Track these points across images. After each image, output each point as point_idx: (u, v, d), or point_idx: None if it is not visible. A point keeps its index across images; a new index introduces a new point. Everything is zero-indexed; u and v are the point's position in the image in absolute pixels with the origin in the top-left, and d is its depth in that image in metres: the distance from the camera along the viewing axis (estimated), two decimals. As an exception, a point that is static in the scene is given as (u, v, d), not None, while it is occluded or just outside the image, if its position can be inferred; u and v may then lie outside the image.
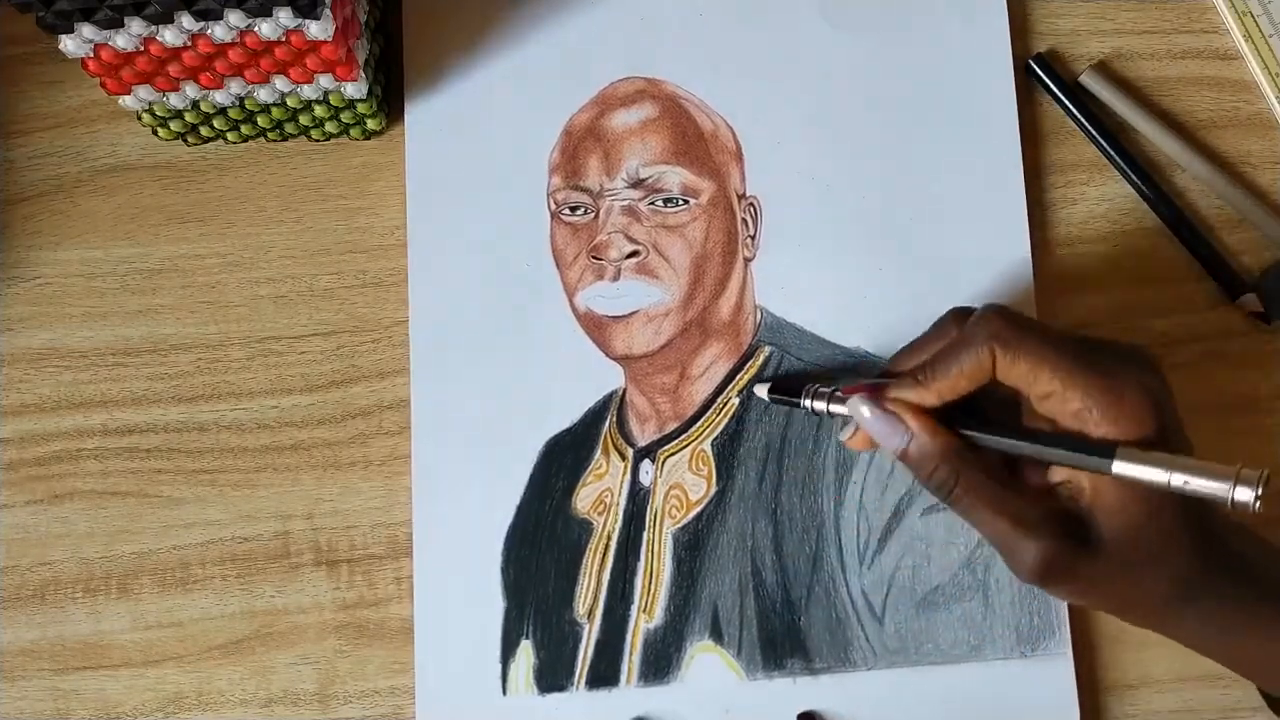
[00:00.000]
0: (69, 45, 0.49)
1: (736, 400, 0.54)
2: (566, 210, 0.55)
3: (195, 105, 0.53)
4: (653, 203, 0.55)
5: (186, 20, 0.48)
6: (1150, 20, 0.57)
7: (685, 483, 0.53)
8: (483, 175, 0.56)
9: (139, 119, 0.55)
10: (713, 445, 0.53)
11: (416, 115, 0.56)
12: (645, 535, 0.53)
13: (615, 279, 0.54)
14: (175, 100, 0.53)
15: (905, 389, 0.45)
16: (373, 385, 0.55)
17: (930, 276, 0.54)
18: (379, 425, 0.55)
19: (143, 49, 0.49)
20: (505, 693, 0.52)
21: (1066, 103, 0.56)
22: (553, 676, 0.52)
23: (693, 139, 0.55)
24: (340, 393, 0.55)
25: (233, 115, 0.54)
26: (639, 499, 0.53)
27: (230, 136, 0.56)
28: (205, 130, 0.55)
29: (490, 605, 0.53)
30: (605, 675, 0.52)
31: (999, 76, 0.55)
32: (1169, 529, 0.42)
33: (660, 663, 0.52)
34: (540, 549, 0.53)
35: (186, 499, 0.55)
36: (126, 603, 0.54)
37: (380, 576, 0.54)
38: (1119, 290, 0.55)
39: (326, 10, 0.48)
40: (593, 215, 0.55)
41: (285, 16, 0.48)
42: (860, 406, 0.46)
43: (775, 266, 0.54)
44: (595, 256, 0.54)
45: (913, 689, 0.51)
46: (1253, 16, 0.56)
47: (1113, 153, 0.55)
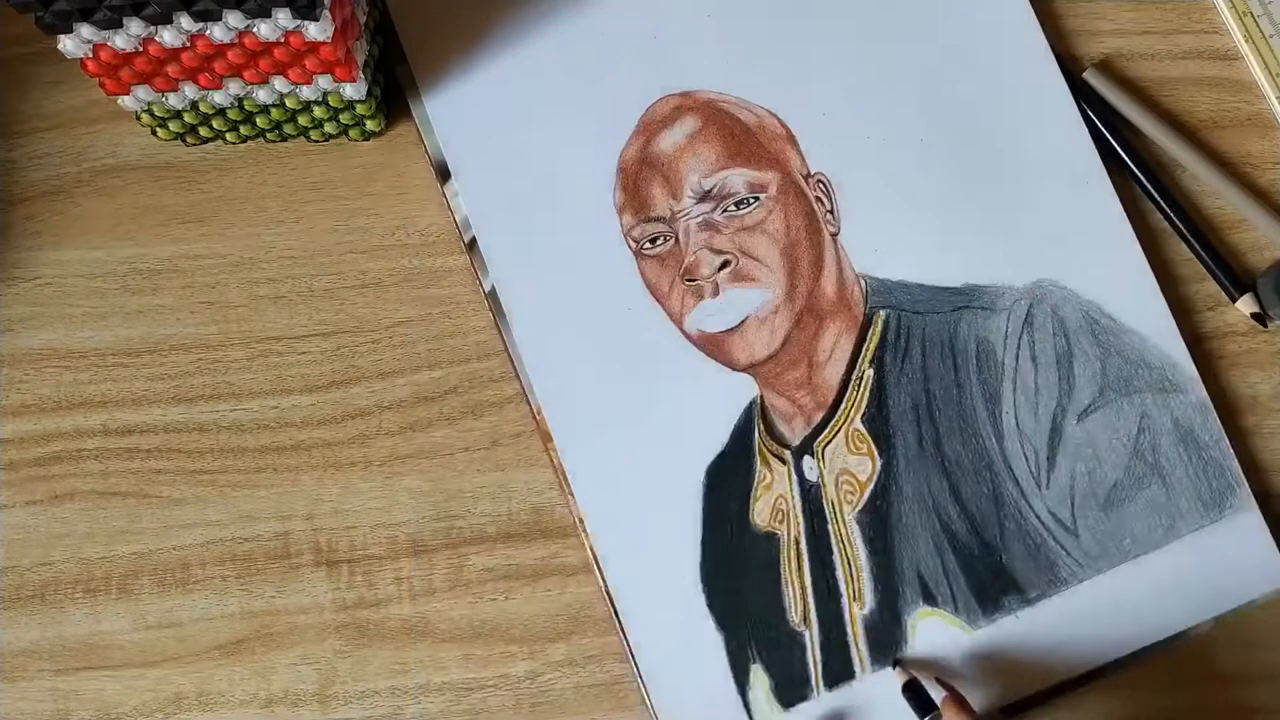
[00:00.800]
0: (68, 46, 0.49)
1: (870, 371, 0.54)
2: (647, 244, 0.55)
3: (194, 106, 0.53)
4: (725, 210, 0.54)
5: (185, 21, 0.48)
6: (1150, 20, 0.57)
7: (850, 466, 0.53)
8: (547, 223, 0.55)
9: (138, 119, 0.55)
10: (864, 421, 0.53)
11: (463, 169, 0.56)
12: (830, 528, 0.53)
13: (715, 294, 0.54)
14: (174, 101, 0.53)
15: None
16: (373, 385, 0.55)
17: (1008, 193, 0.54)
18: (379, 425, 0.55)
19: (141, 50, 0.49)
20: (752, 718, 0.52)
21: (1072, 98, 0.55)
22: (792, 690, 0.52)
23: (742, 137, 0.55)
24: (340, 393, 0.55)
25: (232, 116, 0.54)
26: (812, 496, 0.53)
27: (229, 137, 0.56)
28: (204, 131, 0.55)
29: (710, 643, 0.53)
30: (840, 672, 0.52)
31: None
32: None
33: (886, 642, 0.52)
34: (737, 574, 0.53)
35: (186, 499, 0.55)
36: (126, 603, 0.54)
37: (380, 576, 0.54)
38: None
39: (325, 11, 0.48)
40: (673, 241, 0.55)
41: (284, 18, 0.48)
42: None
43: (862, 232, 0.55)
44: (690, 279, 0.54)
45: (1126, 586, 0.52)
46: (1253, 17, 0.56)
47: (1118, 149, 0.55)
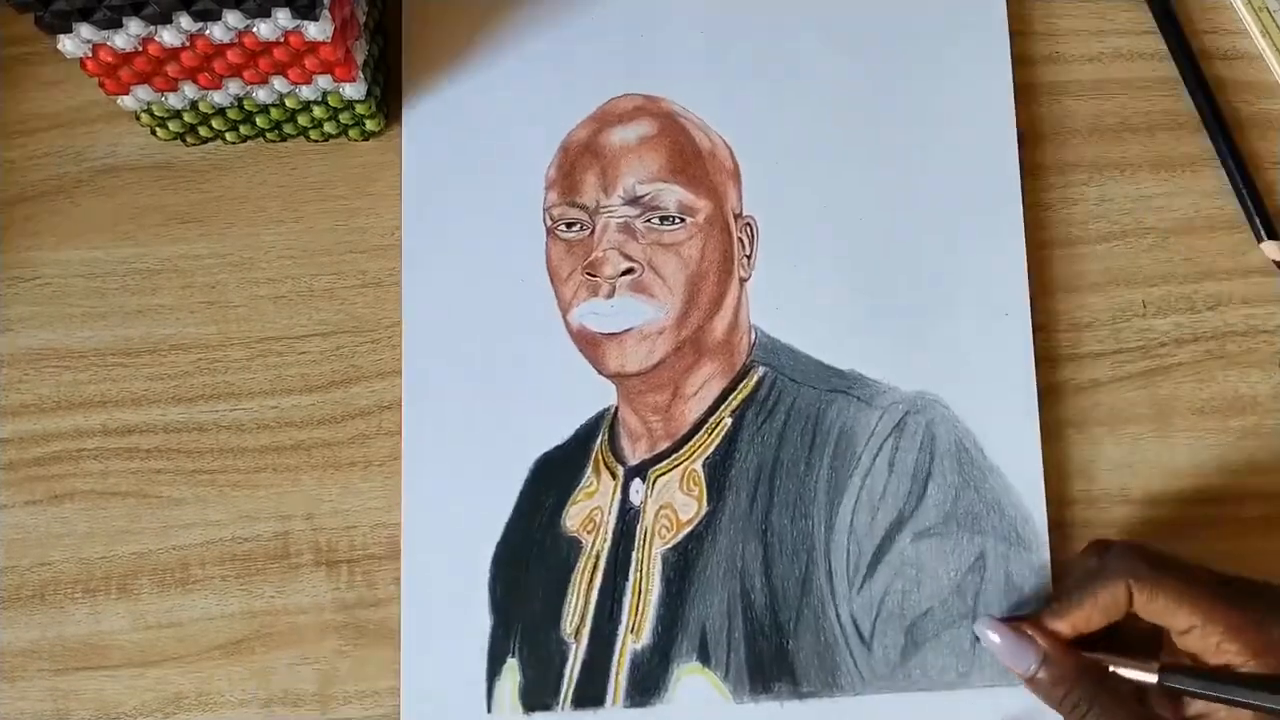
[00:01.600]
0: (67, 45, 0.49)
1: (729, 420, 0.53)
2: (562, 226, 0.55)
3: (194, 106, 0.53)
4: (649, 220, 0.54)
5: (185, 21, 0.48)
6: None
7: (676, 502, 0.53)
8: (480, 186, 0.55)
9: (138, 119, 0.55)
10: (704, 465, 0.53)
11: (414, 118, 0.56)
12: (635, 555, 0.52)
13: (610, 296, 0.54)
14: (174, 100, 0.53)
15: (1036, 616, 0.46)
16: (372, 385, 0.55)
17: (927, 299, 0.54)
18: (379, 425, 0.55)
19: (141, 49, 0.49)
20: (490, 710, 0.52)
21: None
22: (538, 696, 0.52)
23: (690, 157, 0.55)
24: (340, 393, 0.55)
25: (231, 116, 0.54)
26: (629, 518, 0.53)
27: (229, 137, 0.56)
28: (204, 130, 0.55)
29: (477, 622, 0.52)
30: (591, 696, 0.51)
31: (998, 95, 0.55)
32: None
33: (647, 684, 0.51)
34: (528, 567, 0.53)
35: (186, 499, 0.55)
36: (126, 603, 0.54)
37: (380, 577, 0.54)
38: (1118, 290, 0.55)
39: (325, 11, 0.48)
40: (588, 232, 0.54)
41: (284, 17, 0.48)
42: (987, 630, 0.47)
43: (771, 286, 0.54)
44: (590, 273, 0.54)
45: (900, 715, 0.51)
46: (1268, 11, 0.56)
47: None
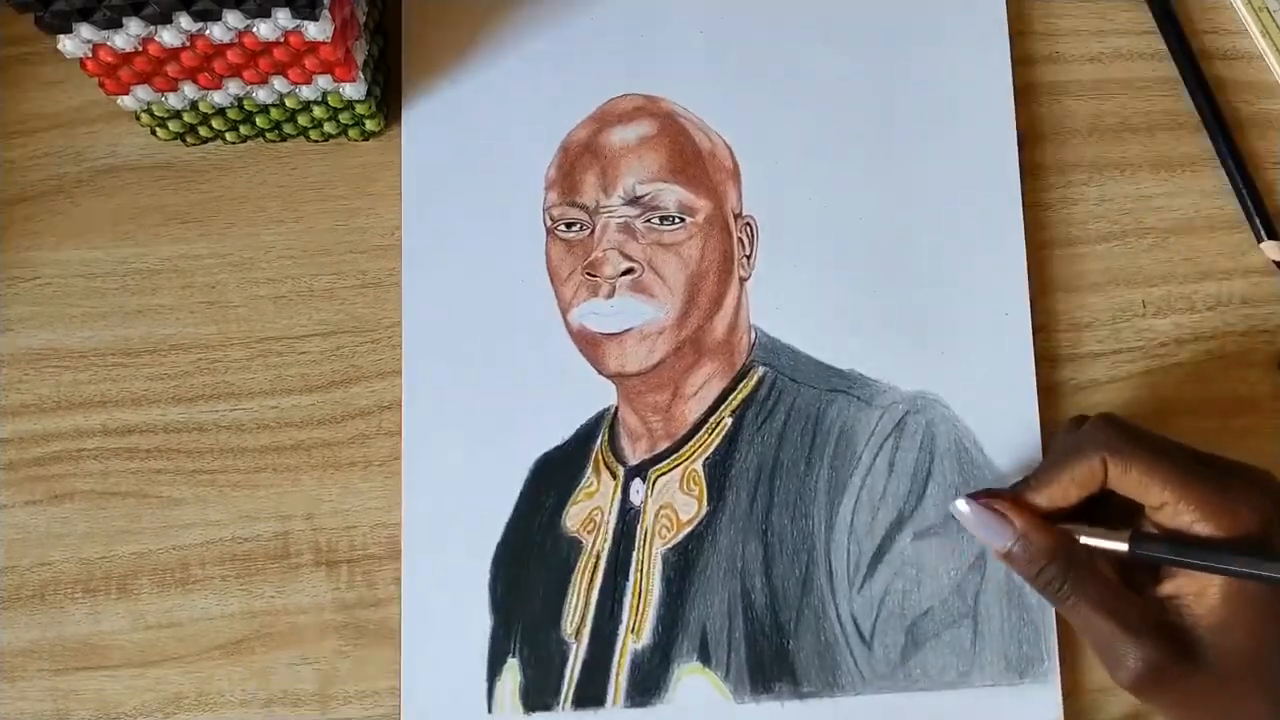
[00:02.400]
0: (67, 45, 0.49)
1: (729, 420, 0.53)
2: (562, 226, 0.55)
3: (194, 106, 0.53)
4: (649, 220, 0.54)
5: (185, 21, 0.48)
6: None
7: (676, 503, 0.53)
8: (479, 186, 0.55)
9: (138, 119, 0.55)
10: (704, 465, 0.53)
11: (414, 118, 0.56)
12: (635, 555, 0.52)
13: (610, 296, 0.54)
14: (174, 100, 0.53)
15: (1012, 491, 0.46)
16: (372, 385, 0.55)
17: (927, 299, 0.54)
18: (379, 425, 0.55)
19: (141, 49, 0.49)
20: (490, 710, 0.51)
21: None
22: (539, 696, 0.51)
23: (690, 157, 0.55)
24: (340, 393, 0.55)
25: (231, 116, 0.54)
26: (629, 518, 0.53)
27: (229, 137, 0.56)
28: (204, 130, 0.55)
29: (477, 622, 0.52)
30: (592, 696, 0.51)
31: (998, 95, 0.55)
32: (1276, 649, 0.42)
33: (647, 684, 0.51)
34: (529, 567, 0.52)
35: (186, 499, 0.55)
36: (126, 603, 0.54)
37: (380, 577, 0.54)
38: (1118, 290, 0.55)
39: (325, 11, 0.48)
40: (588, 232, 0.54)
41: (284, 17, 0.48)
42: (961, 506, 0.46)
43: (771, 287, 0.54)
44: (590, 273, 0.54)
45: (900, 714, 0.51)
46: (1268, 11, 0.56)
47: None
